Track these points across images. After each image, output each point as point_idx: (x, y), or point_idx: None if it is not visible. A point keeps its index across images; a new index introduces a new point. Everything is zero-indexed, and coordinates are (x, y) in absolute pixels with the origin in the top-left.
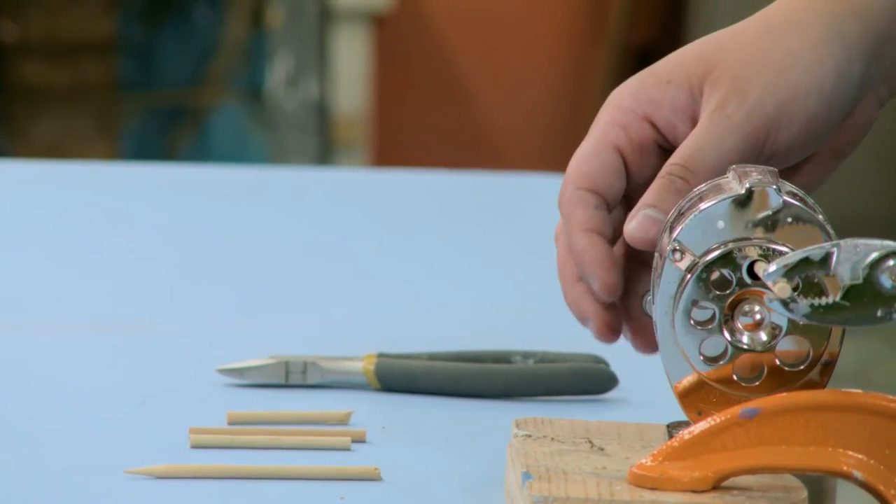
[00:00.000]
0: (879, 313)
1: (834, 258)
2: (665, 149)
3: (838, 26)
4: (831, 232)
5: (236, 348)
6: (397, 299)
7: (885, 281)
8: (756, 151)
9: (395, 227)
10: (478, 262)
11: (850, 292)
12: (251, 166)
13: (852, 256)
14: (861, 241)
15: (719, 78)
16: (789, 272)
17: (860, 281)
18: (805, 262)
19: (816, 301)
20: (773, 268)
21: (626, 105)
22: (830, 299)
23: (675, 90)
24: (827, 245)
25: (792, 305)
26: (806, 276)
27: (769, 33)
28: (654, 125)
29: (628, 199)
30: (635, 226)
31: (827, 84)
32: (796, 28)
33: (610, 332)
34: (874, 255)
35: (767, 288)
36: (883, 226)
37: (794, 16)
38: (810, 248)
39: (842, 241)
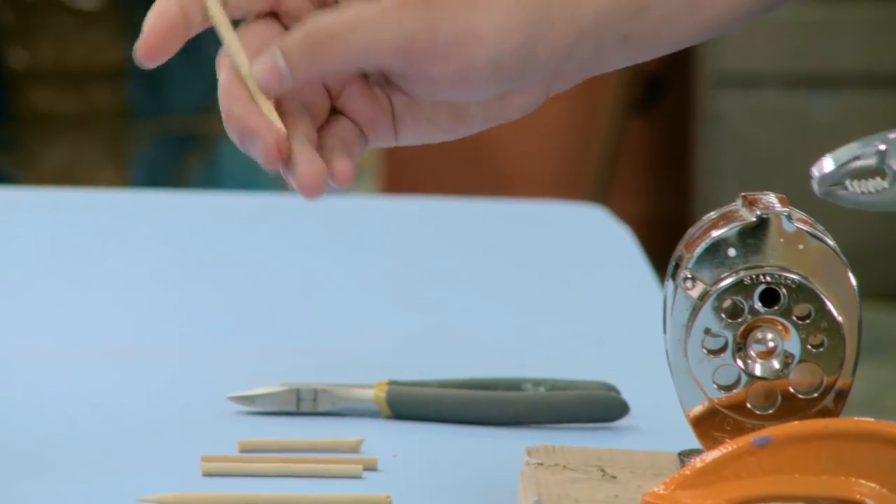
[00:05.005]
0: None
1: (889, 153)
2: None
3: (546, 8)
4: (843, 258)
5: (247, 376)
6: (408, 327)
7: None
8: (408, 63)
9: (406, 254)
10: (488, 288)
11: None
12: (262, 193)
13: None
14: None
15: None
16: (840, 167)
17: None
18: (854, 161)
19: (867, 187)
20: (828, 166)
21: None
22: (883, 184)
23: None
24: (876, 142)
25: (841, 194)
26: (857, 170)
27: None
28: None
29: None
30: (263, 71)
31: (506, 48)
32: None
33: (278, 153)
34: None
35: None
36: (887, 252)
37: None
38: (860, 147)
39: (889, 135)
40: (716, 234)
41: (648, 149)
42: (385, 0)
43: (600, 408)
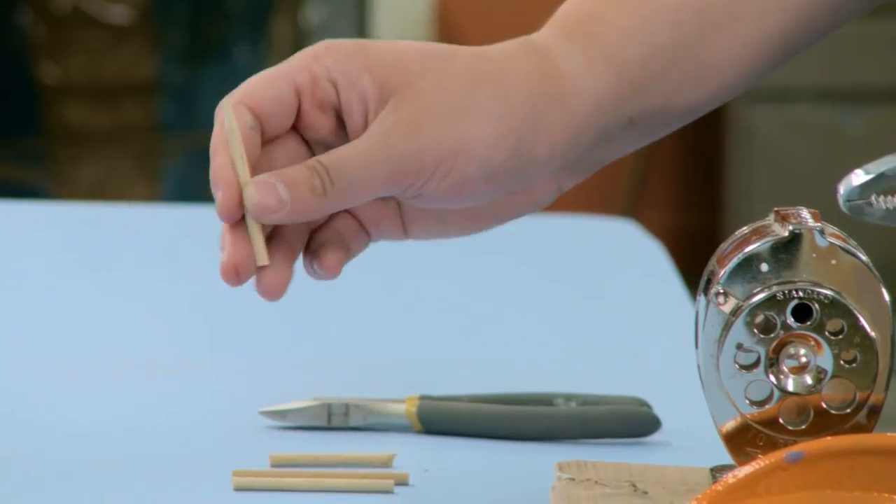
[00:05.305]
0: None
1: None
2: (342, 119)
3: (539, 105)
4: (875, 273)
5: (278, 390)
6: (439, 341)
7: None
8: (400, 188)
9: (437, 267)
10: (520, 302)
11: None
12: None
13: None
14: None
15: (405, 102)
16: (865, 183)
17: None
18: (880, 177)
19: (893, 203)
20: (853, 182)
21: (325, 63)
22: None
23: (369, 82)
24: None
25: (867, 209)
26: (882, 186)
27: (473, 79)
28: (338, 95)
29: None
30: (257, 192)
31: (497, 157)
32: (498, 89)
33: (230, 213)
34: None
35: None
36: None
37: (504, 74)
38: (885, 163)
39: None
40: (748, 249)
41: (680, 163)
42: (375, 125)
43: (632, 423)
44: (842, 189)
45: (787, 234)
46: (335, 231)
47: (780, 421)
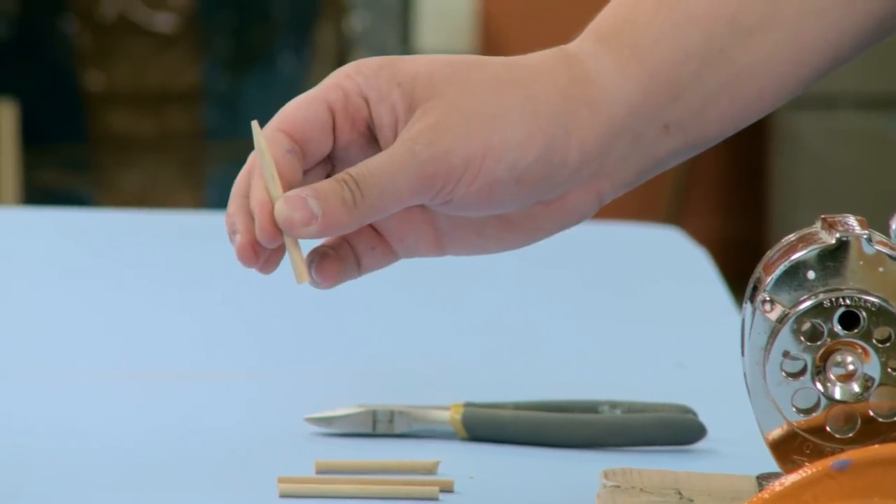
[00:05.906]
0: None
1: None
2: (375, 135)
3: (568, 108)
4: None
5: (324, 397)
6: (484, 348)
7: None
8: (429, 194)
9: (481, 275)
10: (564, 310)
11: None
12: None
13: None
14: None
15: (431, 109)
16: None
17: None
18: None
19: None
20: None
21: (356, 79)
22: None
23: (398, 95)
24: None
25: None
26: None
27: (499, 84)
28: (369, 110)
29: (333, 168)
30: (286, 206)
31: (526, 160)
32: (526, 92)
33: (252, 254)
34: None
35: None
36: None
37: (532, 79)
38: None
39: None
40: (795, 256)
41: (724, 170)
42: (401, 135)
43: (677, 430)
44: (894, 224)
45: (834, 241)
46: (346, 243)
47: (827, 429)
